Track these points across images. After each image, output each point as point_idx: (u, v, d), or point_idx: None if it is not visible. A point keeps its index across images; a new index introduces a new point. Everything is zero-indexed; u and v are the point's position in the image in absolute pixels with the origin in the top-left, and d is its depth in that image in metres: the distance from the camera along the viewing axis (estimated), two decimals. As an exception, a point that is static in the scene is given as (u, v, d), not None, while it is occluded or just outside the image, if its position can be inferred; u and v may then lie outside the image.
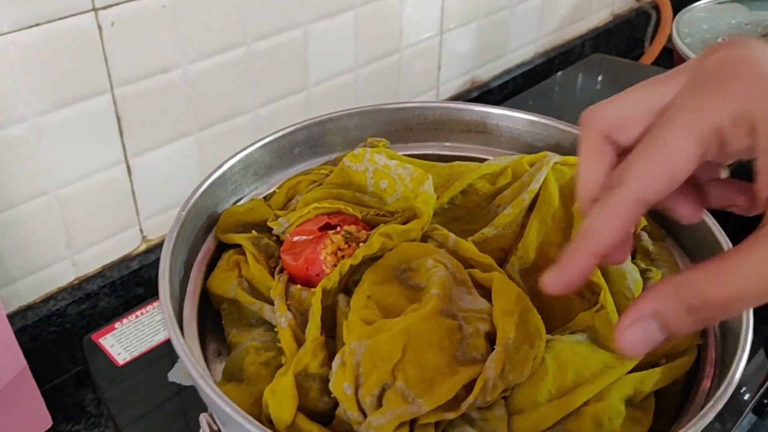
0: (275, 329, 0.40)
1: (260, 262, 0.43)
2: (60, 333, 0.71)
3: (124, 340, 0.67)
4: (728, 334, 0.41)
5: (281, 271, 0.43)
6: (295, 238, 0.43)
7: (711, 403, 0.34)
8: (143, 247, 0.76)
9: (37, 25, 0.59)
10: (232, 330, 0.42)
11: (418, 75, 0.95)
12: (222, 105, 0.74)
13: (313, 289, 0.40)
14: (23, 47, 0.58)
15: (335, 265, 0.41)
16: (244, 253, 0.44)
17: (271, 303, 0.41)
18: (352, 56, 0.84)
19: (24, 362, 0.63)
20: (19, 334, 0.62)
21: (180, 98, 0.70)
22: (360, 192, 0.46)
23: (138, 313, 0.69)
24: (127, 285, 0.74)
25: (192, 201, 0.44)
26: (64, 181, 0.66)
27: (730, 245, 0.44)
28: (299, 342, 0.38)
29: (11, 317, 0.67)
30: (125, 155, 0.69)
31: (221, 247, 0.47)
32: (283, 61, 0.77)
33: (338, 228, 0.43)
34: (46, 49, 0.60)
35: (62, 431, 0.67)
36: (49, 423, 0.66)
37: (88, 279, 0.72)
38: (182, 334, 0.37)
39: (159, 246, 0.76)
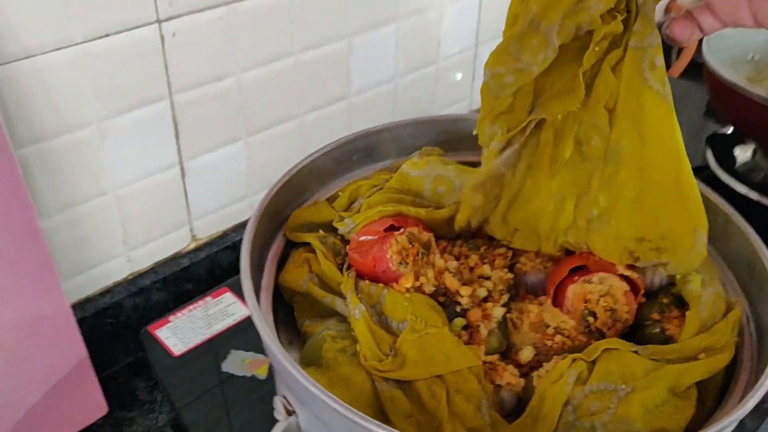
0: (347, 320, 0.43)
1: (329, 258, 0.47)
2: (115, 325, 0.74)
3: (179, 332, 0.70)
4: (763, 334, 0.44)
5: (349, 267, 0.47)
6: (362, 238, 0.46)
7: (748, 397, 0.37)
8: (193, 245, 0.79)
9: (106, 36, 0.62)
10: (305, 321, 0.46)
11: (454, 85, 0.98)
12: (270, 111, 0.78)
13: (380, 284, 0.44)
14: (93, 56, 0.62)
15: (400, 263, 0.45)
16: (312, 251, 0.48)
17: (342, 296, 0.44)
18: (392, 66, 0.88)
19: (85, 352, 0.66)
20: (78, 325, 0.66)
21: (232, 105, 0.74)
22: (418, 197, 0.50)
23: (191, 307, 0.73)
24: (177, 281, 0.78)
25: (265, 203, 0.48)
26: (123, 181, 0.70)
27: (764, 248, 0.47)
28: (372, 331, 0.41)
29: (72, 309, 0.71)
30: (180, 158, 0.73)
31: (289, 246, 0.51)
32: (328, 71, 0.81)
33: (402, 229, 0.46)
34: (113, 58, 0.63)
35: (117, 417, 0.70)
36: (105, 410, 0.70)
37: (142, 274, 0.76)
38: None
39: (208, 245, 0.80)
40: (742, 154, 0.95)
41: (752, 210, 0.87)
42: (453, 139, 0.57)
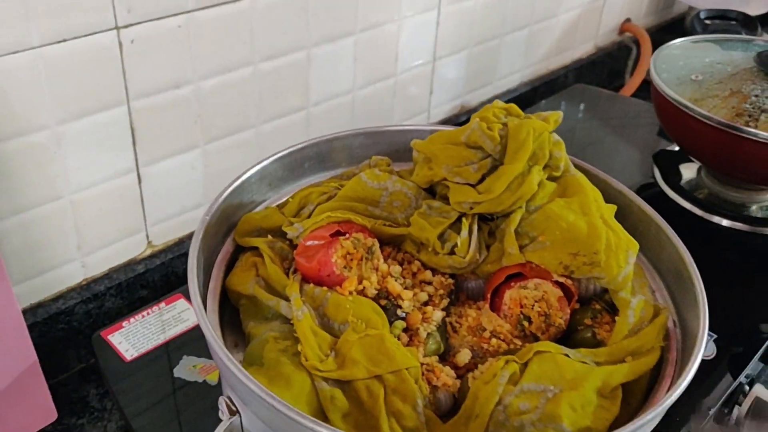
0: (291, 322, 0.44)
1: (276, 263, 0.48)
2: (67, 330, 0.74)
3: (132, 338, 0.71)
4: (688, 339, 0.47)
5: (295, 271, 0.48)
6: (309, 243, 0.48)
7: (668, 393, 0.39)
8: (148, 251, 0.80)
9: (64, 40, 0.63)
10: (250, 323, 0.47)
11: (412, 98, 1.00)
12: (228, 120, 0.79)
13: (324, 287, 0.45)
14: (50, 60, 0.63)
15: (345, 267, 0.46)
16: (260, 255, 0.49)
17: (287, 299, 0.45)
18: (350, 79, 0.89)
19: (35, 356, 0.66)
20: (29, 330, 0.66)
21: (190, 112, 0.75)
22: (372, 206, 0.52)
23: (144, 313, 0.73)
24: (132, 287, 0.78)
25: (214, 207, 0.49)
26: (78, 186, 0.70)
27: (694, 264, 0.50)
28: (314, 332, 0.43)
29: (23, 313, 0.71)
30: (137, 164, 0.74)
31: (238, 250, 0.52)
32: (287, 81, 0.82)
33: (347, 235, 0.48)
34: (71, 63, 0.64)
35: (67, 424, 0.70)
36: (55, 416, 0.70)
37: (96, 280, 0.76)
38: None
39: (163, 251, 0.80)
40: (688, 171, 0.99)
41: (696, 225, 0.91)
42: (402, 149, 0.59)
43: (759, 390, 0.70)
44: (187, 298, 0.75)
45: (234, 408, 0.42)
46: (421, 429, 0.41)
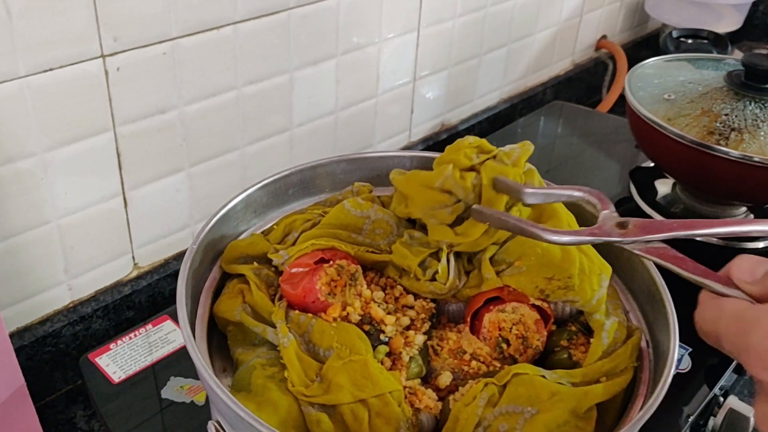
0: (277, 348, 0.46)
1: (262, 290, 0.50)
2: (54, 353, 0.75)
3: (119, 360, 0.71)
4: (660, 359, 0.48)
5: (281, 298, 0.50)
6: (293, 270, 0.49)
7: (640, 412, 0.41)
8: (135, 273, 0.81)
9: (50, 69, 0.64)
10: (237, 349, 0.48)
11: (393, 118, 1.02)
12: (213, 143, 0.80)
13: (309, 314, 0.47)
14: (37, 89, 0.64)
15: (329, 294, 0.48)
16: (247, 282, 0.50)
17: (273, 326, 0.47)
18: (332, 100, 0.91)
19: (22, 380, 0.67)
20: (16, 353, 0.67)
21: (175, 137, 0.76)
22: (355, 233, 0.53)
23: (132, 335, 0.74)
24: (119, 309, 0.79)
25: (201, 236, 0.50)
26: (65, 211, 0.71)
27: (665, 286, 0.52)
28: (300, 359, 0.44)
29: (9, 337, 0.71)
30: (123, 188, 0.75)
31: (225, 277, 0.53)
32: (270, 104, 0.84)
33: (331, 262, 0.50)
34: (57, 91, 0.65)
35: (54, 446, 0.71)
36: (42, 438, 0.71)
37: (83, 302, 0.77)
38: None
39: (149, 273, 0.81)
40: (663, 186, 1.01)
41: (670, 241, 0.93)
42: (383, 174, 0.60)
43: (733, 401, 0.72)
44: (174, 319, 0.76)
45: (223, 432, 0.44)
46: (405, 451, 0.43)
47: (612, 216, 0.46)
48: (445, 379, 0.49)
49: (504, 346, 0.49)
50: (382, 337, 0.49)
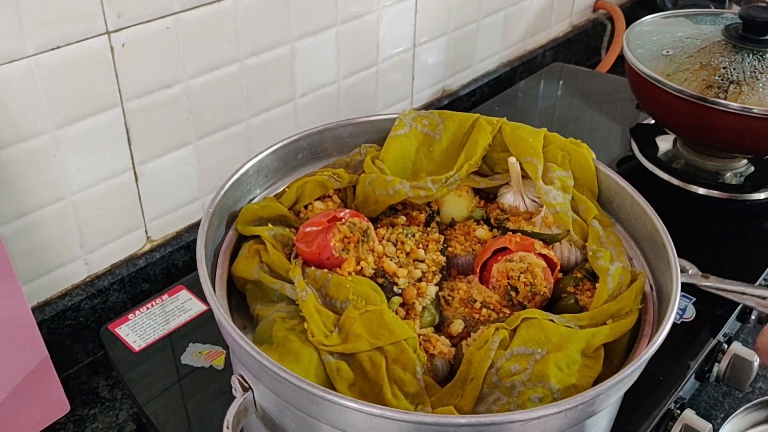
0: (295, 303, 0.48)
1: (278, 249, 0.51)
2: (74, 326, 0.77)
3: (138, 329, 0.74)
4: (663, 301, 0.50)
5: (296, 256, 0.51)
6: (307, 229, 0.51)
7: (646, 348, 0.43)
8: (148, 246, 0.83)
9: (57, 47, 0.65)
10: (257, 306, 0.50)
11: (394, 85, 1.03)
12: (218, 116, 0.82)
13: (325, 270, 0.49)
14: (45, 68, 0.65)
15: (343, 250, 0.50)
16: (262, 243, 0.52)
17: (290, 282, 0.49)
18: (334, 69, 0.92)
19: (46, 352, 0.69)
20: (38, 327, 0.69)
21: (181, 110, 0.78)
22: None
23: (149, 305, 0.76)
24: (134, 281, 0.81)
25: (217, 200, 0.52)
26: (78, 187, 0.73)
27: (666, 231, 0.53)
28: (318, 311, 0.46)
29: (31, 312, 0.73)
30: (133, 163, 0.76)
31: (240, 240, 0.55)
32: (273, 75, 0.85)
33: (344, 219, 0.51)
34: (65, 69, 0.66)
35: (79, 415, 0.73)
36: (67, 408, 0.73)
37: (99, 276, 0.79)
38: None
39: (162, 245, 0.83)
40: (664, 143, 1.03)
41: (674, 195, 0.94)
42: (387, 137, 0.62)
43: (736, 347, 0.74)
44: (189, 288, 0.78)
45: (246, 385, 0.46)
46: (422, 394, 0.45)
47: None
48: (457, 326, 0.51)
49: (513, 293, 0.51)
50: (395, 288, 0.51)
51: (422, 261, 0.54)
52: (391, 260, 0.52)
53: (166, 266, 0.84)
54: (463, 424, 0.39)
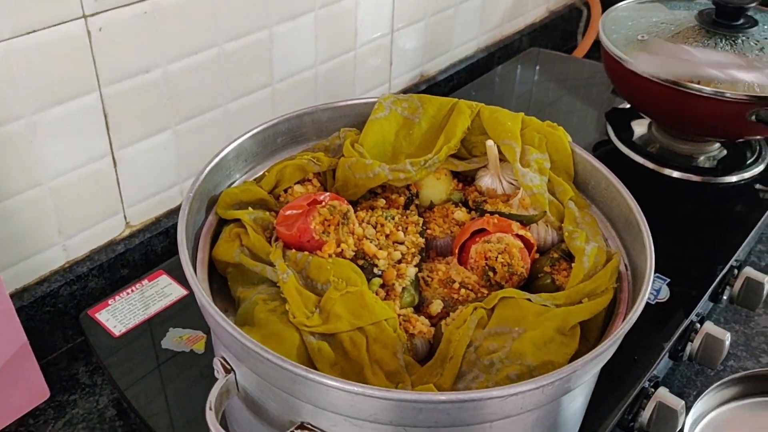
0: (276, 285, 0.48)
1: (258, 232, 0.52)
2: (53, 312, 0.77)
3: (118, 315, 0.73)
4: (638, 280, 0.51)
5: (276, 239, 0.52)
6: (288, 212, 0.51)
7: (621, 325, 0.44)
8: (127, 232, 0.82)
9: (33, 31, 0.65)
10: (238, 288, 0.50)
11: (372, 70, 1.03)
12: (197, 101, 0.81)
13: (305, 252, 0.49)
14: (21, 52, 0.64)
15: (323, 232, 0.50)
16: (243, 226, 0.53)
17: (271, 265, 0.49)
18: (312, 54, 0.92)
19: (24, 338, 0.69)
20: (17, 313, 0.68)
21: (160, 95, 0.77)
22: None
23: (128, 290, 0.76)
24: (113, 267, 0.81)
25: (197, 184, 0.52)
26: (56, 173, 0.72)
27: (640, 211, 0.55)
28: (299, 292, 0.47)
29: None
30: (111, 148, 0.76)
31: (221, 224, 0.56)
32: (251, 60, 0.85)
33: (324, 203, 0.52)
34: (41, 53, 0.66)
35: (60, 401, 0.73)
36: (47, 394, 0.73)
37: (78, 262, 0.79)
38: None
39: (141, 231, 0.83)
40: (639, 127, 1.04)
41: (649, 178, 0.96)
42: (367, 121, 0.62)
43: (709, 327, 0.75)
44: (169, 274, 0.78)
45: (229, 367, 0.46)
46: (402, 373, 0.46)
47: None
48: (436, 306, 0.51)
49: (491, 274, 0.52)
50: (375, 270, 0.52)
51: (402, 243, 0.55)
52: (371, 242, 0.53)
53: (145, 252, 0.83)
54: (443, 401, 0.40)
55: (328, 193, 0.54)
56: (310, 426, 0.44)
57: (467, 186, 0.64)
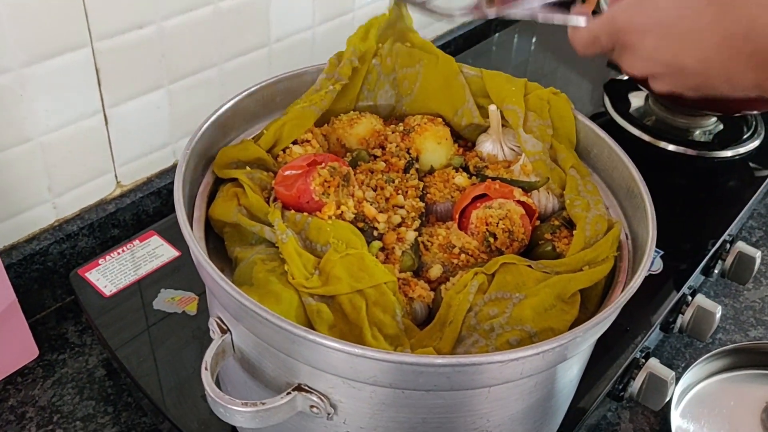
0: (275, 246, 0.48)
1: (256, 192, 0.51)
2: (42, 271, 0.76)
3: (109, 274, 0.73)
4: (638, 249, 0.51)
5: (275, 200, 0.51)
6: (287, 173, 0.50)
7: (621, 294, 0.44)
8: (118, 191, 0.81)
9: (23, -20, 0.63)
10: (235, 248, 0.50)
11: (370, 34, 1.02)
12: (191, 59, 0.80)
13: (305, 213, 0.48)
14: (10, 2, 0.62)
15: (323, 194, 0.50)
16: (240, 186, 0.52)
17: (269, 225, 0.48)
18: (310, 15, 0.90)
19: (13, 295, 0.68)
20: (5, 271, 0.67)
21: (154, 53, 0.76)
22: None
23: (119, 250, 0.75)
24: (104, 226, 0.80)
25: (194, 141, 0.51)
26: (46, 128, 0.71)
27: (643, 180, 0.54)
28: (298, 253, 0.46)
29: (-2, 256, 0.72)
30: (103, 105, 0.74)
31: (217, 183, 0.55)
32: (248, 19, 0.83)
33: (324, 164, 0.51)
34: (31, 4, 0.64)
35: (48, 360, 0.73)
36: (36, 353, 0.72)
37: (68, 221, 0.78)
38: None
39: (133, 191, 0.82)
40: (636, 99, 1.03)
41: (644, 151, 0.95)
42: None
43: (700, 300, 0.76)
44: (161, 234, 0.77)
45: (225, 327, 0.45)
46: (401, 336, 0.45)
47: None
48: (435, 271, 0.51)
49: (491, 239, 0.51)
50: (375, 233, 0.51)
51: (401, 207, 0.54)
52: (371, 205, 0.52)
53: (136, 212, 0.82)
54: (444, 365, 0.40)
55: (328, 154, 0.53)
56: (307, 387, 0.43)
57: (468, 151, 0.63)
